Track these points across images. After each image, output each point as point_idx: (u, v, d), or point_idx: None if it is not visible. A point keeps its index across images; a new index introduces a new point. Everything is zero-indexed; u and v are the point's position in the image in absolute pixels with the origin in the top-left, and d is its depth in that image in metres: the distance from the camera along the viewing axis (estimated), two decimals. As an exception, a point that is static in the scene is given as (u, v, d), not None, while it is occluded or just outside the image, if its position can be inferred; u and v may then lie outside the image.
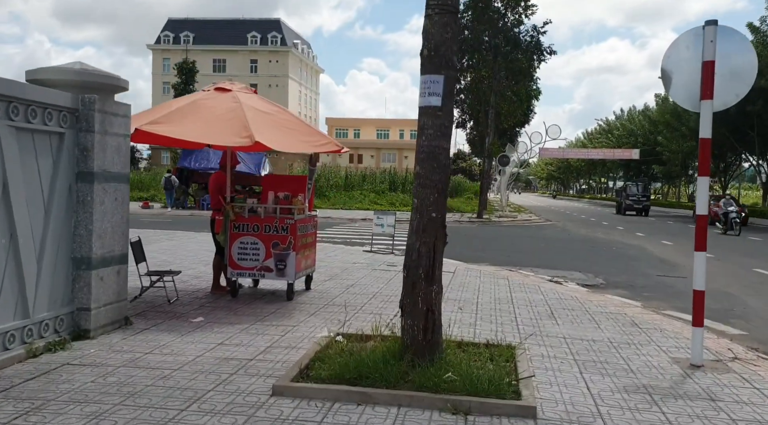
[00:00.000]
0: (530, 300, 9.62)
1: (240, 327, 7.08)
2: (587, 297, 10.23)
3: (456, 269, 12.88)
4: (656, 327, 8.08)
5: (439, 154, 5.59)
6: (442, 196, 5.61)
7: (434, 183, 5.57)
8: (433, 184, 5.57)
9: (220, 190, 8.96)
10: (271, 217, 8.68)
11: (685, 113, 51.15)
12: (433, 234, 5.58)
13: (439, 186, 5.58)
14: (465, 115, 45.00)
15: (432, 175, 5.57)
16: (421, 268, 5.56)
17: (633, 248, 20.38)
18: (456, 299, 9.40)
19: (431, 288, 5.56)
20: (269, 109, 8.35)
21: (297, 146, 8.14)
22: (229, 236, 8.72)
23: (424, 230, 5.58)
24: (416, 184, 5.68)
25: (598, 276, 13.43)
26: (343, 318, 7.68)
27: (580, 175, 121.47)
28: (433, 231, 5.58)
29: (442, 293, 5.75)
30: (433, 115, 5.58)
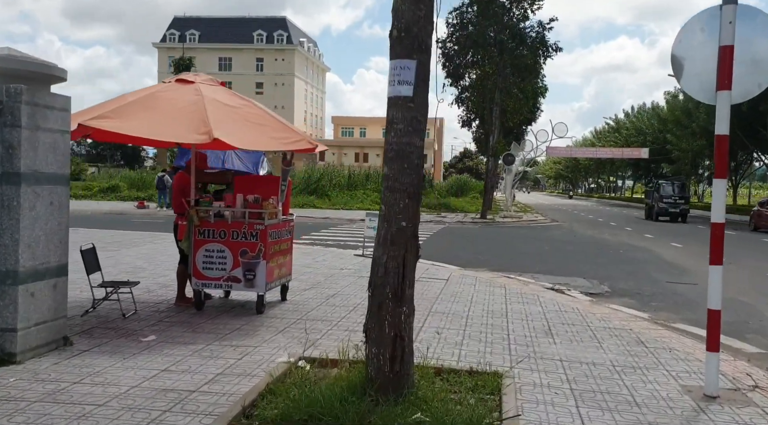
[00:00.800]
0: (527, 312, 8.77)
1: (193, 349, 6.27)
2: (590, 308, 9.37)
3: (450, 276, 12.04)
4: (665, 345, 7.23)
5: (411, 153, 4.76)
6: (413, 201, 4.78)
7: (404, 186, 4.74)
8: (403, 188, 4.74)
9: (183, 192, 8.16)
10: (239, 222, 7.87)
11: (695, 111, 50.11)
12: (403, 246, 4.76)
13: (409, 190, 4.75)
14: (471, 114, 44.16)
15: (402, 177, 4.74)
16: (388, 286, 4.73)
17: (641, 251, 19.48)
18: (444, 312, 8.56)
19: (400, 310, 4.74)
20: (235, 103, 7.53)
21: (264, 143, 7.32)
22: (193, 243, 7.93)
23: (392, 241, 4.76)
24: (384, 188, 4.86)
25: (603, 283, 12.57)
26: (314, 337, 6.86)
27: (589, 173, 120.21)
28: (403, 243, 4.76)
29: (413, 315, 4.92)
30: (403, 106, 4.76)
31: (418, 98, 4.77)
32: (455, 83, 37.70)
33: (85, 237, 16.27)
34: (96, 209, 31.34)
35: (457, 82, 37.16)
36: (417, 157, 4.80)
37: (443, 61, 35.51)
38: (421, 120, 4.81)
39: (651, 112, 75.87)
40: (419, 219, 4.91)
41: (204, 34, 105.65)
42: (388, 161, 4.81)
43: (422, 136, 4.85)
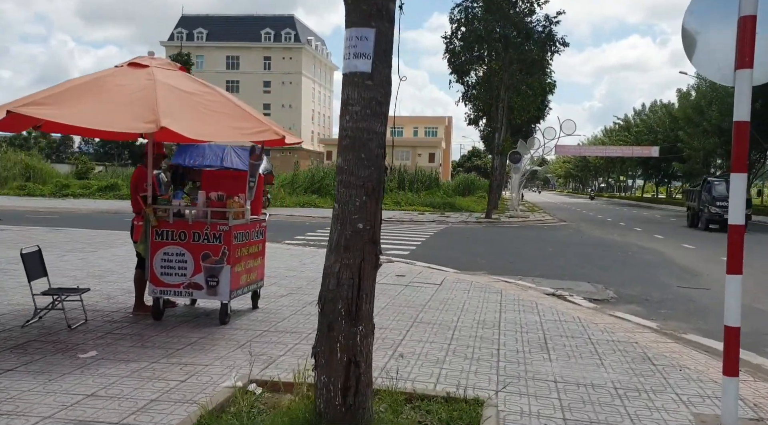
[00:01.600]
0: (522, 323, 7.96)
1: (134, 367, 5.49)
2: (592, 318, 8.55)
3: (444, 280, 11.23)
4: (675, 362, 6.40)
5: (369, 141, 3.97)
6: (372, 199, 3.99)
7: (361, 181, 3.95)
8: (360, 183, 3.95)
9: (139, 188, 7.39)
10: (200, 223, 7.10)
11: (708, 108, 49.06)
12: (359, 253, 3.96)
13: (367, 185, 3.96)
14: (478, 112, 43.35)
15: (358, 170, 3.95)
16: (340, 301, 3.94)
17: (650, 253, 18.59)
18: (431, 322, 7.76)
19: (355, 330, 3.95)
20: (193, 89, 6.74)
21: (223, 134, 6.52)
22: (150, 245, 7.16)
23: (346, 247, 3.96)
24: (337, 182, 4.07)
25: (608, 288, 11.72)
26: (277, 353, 6.08)
27: (599, 173, 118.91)
28: (359, 249, 3.97)
29: (372, 335, 4.12)
30: (360, 85, 3.97)
31: (378, 75, 3.98)
32: (461, 80, 36.86)
33: (66, 238, 15.59)
34: (93, 208, 30.69)
35: (462, 78, 36.31)
36: (377, 146, 4.00)
37: (448, 56, 34.66)
38: (382, 101, 4.02)
39: (662, 109, 74.67)
40: (380, 221, 4.11)
41: (212, 33, 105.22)
42: (342, 150, 4.02)
43: (384, 120, 4.05)
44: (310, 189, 42.19)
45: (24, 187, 40.17)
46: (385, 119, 4.07)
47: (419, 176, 49.61)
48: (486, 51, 34.35)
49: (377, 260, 4.06)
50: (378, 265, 4.08)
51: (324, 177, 44.41)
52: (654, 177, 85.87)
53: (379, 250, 4.08)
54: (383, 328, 7.27)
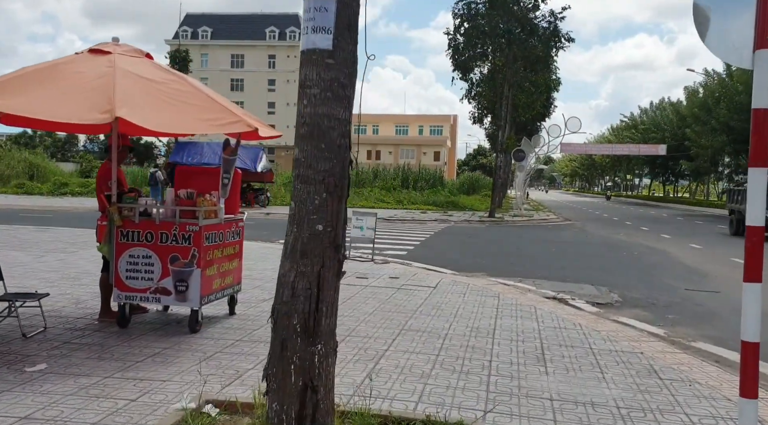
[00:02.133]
0: (519, 330, 7.39)
1: (83, 383, 4.95)
2: (595, 324, 7.97)
3: (440, 282, 10.66)
4: (684, 376, 5.83)
5: (330, 129, 3.42)
6: (334, 196, 3.44)
7: (321, 175, 3.40)
8: (320, 177, 3.40)
9: (104, 186, 6.85)
10: (168, 223, 6.56)
11: (716, 106, 48.37)
12: (318, 258, 3.42)
13: (328, 180, 3.41)
14: (482, 110, 42.84)
15: (317, 163, 3.40)
16: (295, 316, 3.40)
17: (657, 253, 17.99)
18: (420, 329, 7.20)
19: (312, 350, 3.40)
20: (158, 77, 6.19)
21: (188, 125, 5.97)
22: (115, 247, 6.62)
23: (302, 253, 3.42)
24: (294, 177, 3.52)
25: (613, 291, 11.14)
26: (245, 366, 5.54)
27: (605, 171, 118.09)
28: (318, 254, 3.42)
29: (334, 355, 3.57)
30: (319, 63, 3.42)
31: (341, 52, 3.43)
32: (464, 77, 36.30)
33: (51, 238, 15.09)
34: (89, 206, 30.13)
35: (465, 75, 35.72)
36: (339, 135, 3.45)
37: (451, 53, 34.08)
38: (345, 83, 3.47)
39: (670, 107, 73.89)
40: (344, 222, 3.55)
41: (216, 31, 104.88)
42: (300, 140, 3.47)
43: (348, 105, 3.50)
44: (311, 187, 41.62)
45: (22, 185, 39.77)
46: (350, 104, 3.52)
47: (423, 175, 49.06)
48: (490, 47, 33.76)
49: (340, 267, 3.51)
50: (341, 273, 3.54)
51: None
52: (661, 175, 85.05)
53: (342, 256, 3.52)
54: (367, 337, 6.72)
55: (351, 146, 3.53)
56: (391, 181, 46.61)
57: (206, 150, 30.62)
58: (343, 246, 3.53)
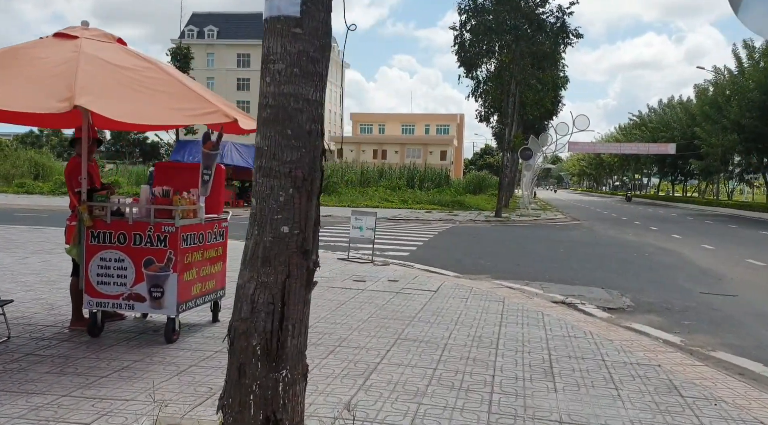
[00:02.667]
0: (525, 339, 6.83)
1: (37, 403, 4.42)
2: (607, 332, 7.40)
3: (441, 286, 10.10)
4: (708, 393, 5.26)
5: (298, 112, 2.88)
6: (302, 193, 2.89)
7: (287, 167, 2.87)
8: (286, 170, 2.86)
9: (74, 183, 6.31)
10: (143, 223, 6.02)
11: (726, 104, 47.61)
12: (283, 267, 2.87)
13: (296, 173, 2.87)
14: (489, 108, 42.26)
15: (283, 153, 2.86)
16: (255, 336, 2.86)
17: (669, 254, 17.37)
18: (417, 339, 6.64)
19: (275, 376, 2.86)
20: (129, 64, 5.64)
21: (160, 115, 5.40)
22: (85, 249, 6.09)
23: (264, 259, 2.88)
24: (255, 170, 2.98)
25: (624, 295, 10.56)
26: (219, 383, 4.98)
27: (613, 171, 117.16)
28: (283, 262, 2.88)
29: (304, 381, 3.02)
30: (284, 34, 2.88)
31: (311, 21, 2.89)
32: (470, 74, 35.71)
33: (41, 238, 14.61)
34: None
35: (471, 72, 35.13)
36: (309, 119, 2.91)
37: (457, 49, 33.48)
38: (317, 57, 2.93)
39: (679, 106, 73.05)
40: (316, 223, 3.01)
41: (222, 30, 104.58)
42: (262, 125, 2.93)
43: (319, 84, 2.96)
44: (316, 187, 41.13)
45: (23, 184, 39.38)
46: (322, 82, 2.97)
47: (429, 174, 48.48)
48: (496, 44, 33.17)
49: (310, 277, 2.96)
50: (312, 284, 2.99)
51: (331, 174, 43.37)
52: (670, 175, 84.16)
53: (313, 263, 2.98)
54: (359, 348, 6.17)
55: (324, 133, 2.99)
56: (397, 180, 46.05)
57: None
58: (314, 251, 2.98)
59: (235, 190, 31.49)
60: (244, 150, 30.52)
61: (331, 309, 7.92)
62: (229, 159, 29.43)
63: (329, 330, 6.78)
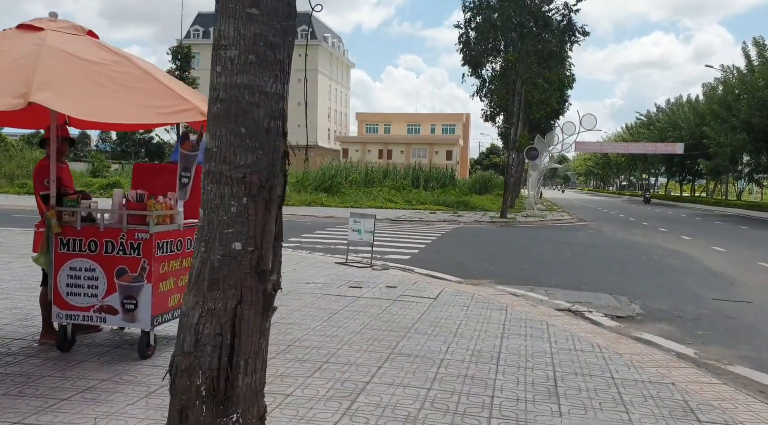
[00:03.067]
0: (528, 354, 6.36)
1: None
2: (616, 345, 6.93)
3: (441, 292, 9.64)
4: (728, 418, 4.79)
5: (253, 107, 2.44)
6: (259, 202, 2.45)
7: (240, 172, 2.43)
8: (239, 175, 2.43)
9: (41, 185, 5.89)
10: (115, 230, 5.59)
11: (736, 103, 46.97)
12: (234, 291, 2.43)
13: (251, 179, 2.42)
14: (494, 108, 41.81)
15: (236, 155, 2.42)
16: (199, 374, 2.41)
17: (678, 256, 16.87)
18: (411, 354, 6.18)
19: (224, 422, 2.40)
20: (99, 58, 5.20)
21: (130, 113, 4.94)
22: (54, 258, 5.67)
23: (212, 283, 2.44)
24: (204, 175, 2.54)
25: (633, 301, 10.10)
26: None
27: (620, 170, 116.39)
28: (234, 285, 2.43)
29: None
30: (238, 14, 2.45)
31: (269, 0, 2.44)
32: (475, 73, 35.24)
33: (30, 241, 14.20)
34: (89, 207, 29.39)
35: (477, 71, 34.65)
36: (268, 116, 2.46)
37: (461, 47, 33.00)
38: (277, 43, 2.48)
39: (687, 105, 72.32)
40: (277, 238, 2.56)
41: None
42: (213, 122, 2.49)
43: (280, 74, 2.51)
44: (320, 187, 40.73)
45: (24, 185, 39.05)
46: (284, 72, 2.53)
47: (434, 174, 47.98)
48: (502, 42, 32.69)
49: (268, 303, 2.51)
50: (270, 310, 2.54)
51: (335, 174, 42.95)
52: (678, 175, 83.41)
53: (273, 285, 2.53)
54: (348, 364, 5.72)
55: (286, 131, 2.54)
56: (401, 180, 45.54)
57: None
58: (274, 271, 2.54)
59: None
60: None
61: (322, 319, 7.47)
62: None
63: (318, 344, 6.33)
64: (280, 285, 2.55)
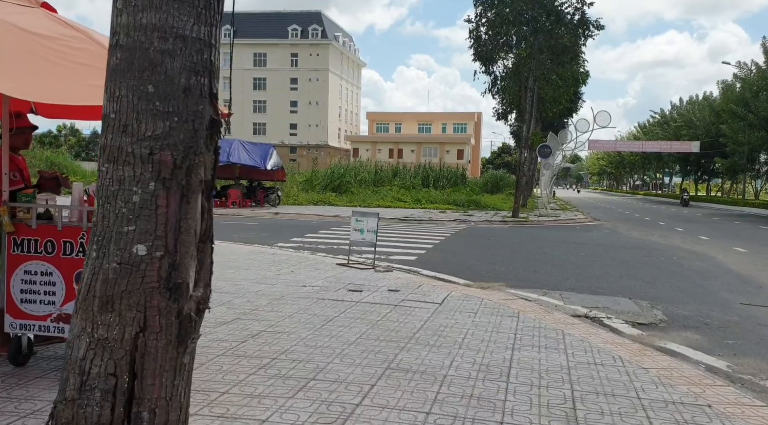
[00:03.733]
0: (542, 368, 5.66)
1: None
2: (640, 357, 6.21)
3: (447, 297, 8.94)
4: (778, 449, 4.07)
5: (167, 57, 1.77)
6: (173, 189, 1.76)
7: (146, 146, 1.74)
8: (144, 151, 1.74)
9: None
10: (74, 229, 4.95)
11: (754, 100, 45.95)
12: (134, 314, 1.75)
13: (162, 157, 1.74)
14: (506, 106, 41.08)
15: (140, 124, 1.74)
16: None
17: (699, 258, 16.08)
18: (410, 369, 5.48)
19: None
20: (52, 32, 4.54)
21: (75, 94, 4.25)
22: (6, 260, 5.02)
23: (104, 301, 1.76)
24: (99, 152, 1.86)
25: (655, 306, 9.37)
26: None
27: (634, 170, 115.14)
28: (135, 305, 1.76)
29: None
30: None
31: None
32: (487, 70, 34.50)
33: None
34: (93, 206, 28.91)
35: (488, 67, 33.90)
36: (187, 70, 1.80)
37: (472, 43, 32.26)
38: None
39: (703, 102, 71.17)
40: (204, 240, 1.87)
41: (239, 29, 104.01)
42: (109, 78, 1.81)
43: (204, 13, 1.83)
44: (329, 186, 40.12)
45: (30, 184, 38.72)
46: (210, 11, 1.85)
47: (444, 173, 47.26)
48: (514, 37, 31.93)
49: (186, 329, 1.83)
50: (190, 338, 1.86)
51: (344, 174, 42.32)
52: (693, 174, 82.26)
53: (195, 306, 1.84)
54: (338, 382, 5.03)
55: (216, 92, 1.86)
56: (411, 179, 44.84)
57: (214, 146, 29.20)
58: (200, 285, 1.85)
59: (243, 189, 30.51)
60: (251, 148, 29.56)
61: (315, 327, 6.78)
62: (236, 157, 28.49)
63: (306, 357, 5.65)
64: (207, 304, 1.87)
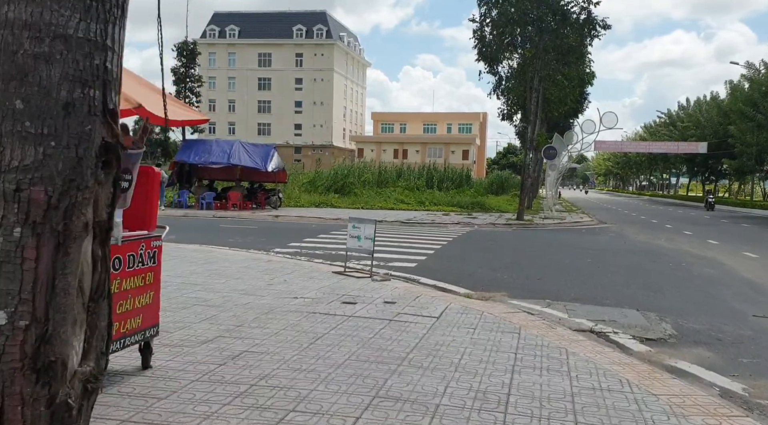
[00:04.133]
0: (543, 395, 5.22)
1: None
2: (649, 381, 5.77)
3: (446, 309, 8.50)
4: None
5: (44, 63, 1.38)
6: (44, 238, 1.35)
7: (12, 181, 1.31)
8: (10, 187, 1.31)
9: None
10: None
11: (762, 100, 45.39)
12: None
13: (34, 197, 1.32)
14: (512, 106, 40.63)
15: (6, 152, 1.33)
16: None
17: (708, 263, 15.61)
18: (399, 398, 5.05)
19: None
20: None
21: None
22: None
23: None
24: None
25: (664, 319, 8.94)
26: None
27: (640, 170, 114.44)
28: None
29: None
30: None
31: None
32: (491, 70, 34.06)
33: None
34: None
35: (493, 67, 33.45)
36: (70, 80, 1.37)
37: (476, 42, 31.81)
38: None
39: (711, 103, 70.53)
40: (96, 298, 1.45)
41: (244, 30, 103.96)
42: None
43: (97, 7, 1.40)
44: (332, 188, 39.64)
45: None
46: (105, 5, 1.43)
47: (448, 174, 46.82)
48: (519, 37, 31.47)
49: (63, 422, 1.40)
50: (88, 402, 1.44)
51: (348, 175, 41.87)
52: (700, 175, 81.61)
53: (82, 387, 1.42)
54: (319, 414, 4.60)
55: (114, 108, 1.44)
56: (415, 180, 44.39)
57: (215, 148, 28.85)
58: (91, 357, 1.43)
59: (244, 191, 30.13)
60: (252, 149, 29.17)
61: (301, 347, 6.35)
62: (237, 159, 28.12)
63: (288, 383, 5.22)
64: (101, 380, 1.44)
